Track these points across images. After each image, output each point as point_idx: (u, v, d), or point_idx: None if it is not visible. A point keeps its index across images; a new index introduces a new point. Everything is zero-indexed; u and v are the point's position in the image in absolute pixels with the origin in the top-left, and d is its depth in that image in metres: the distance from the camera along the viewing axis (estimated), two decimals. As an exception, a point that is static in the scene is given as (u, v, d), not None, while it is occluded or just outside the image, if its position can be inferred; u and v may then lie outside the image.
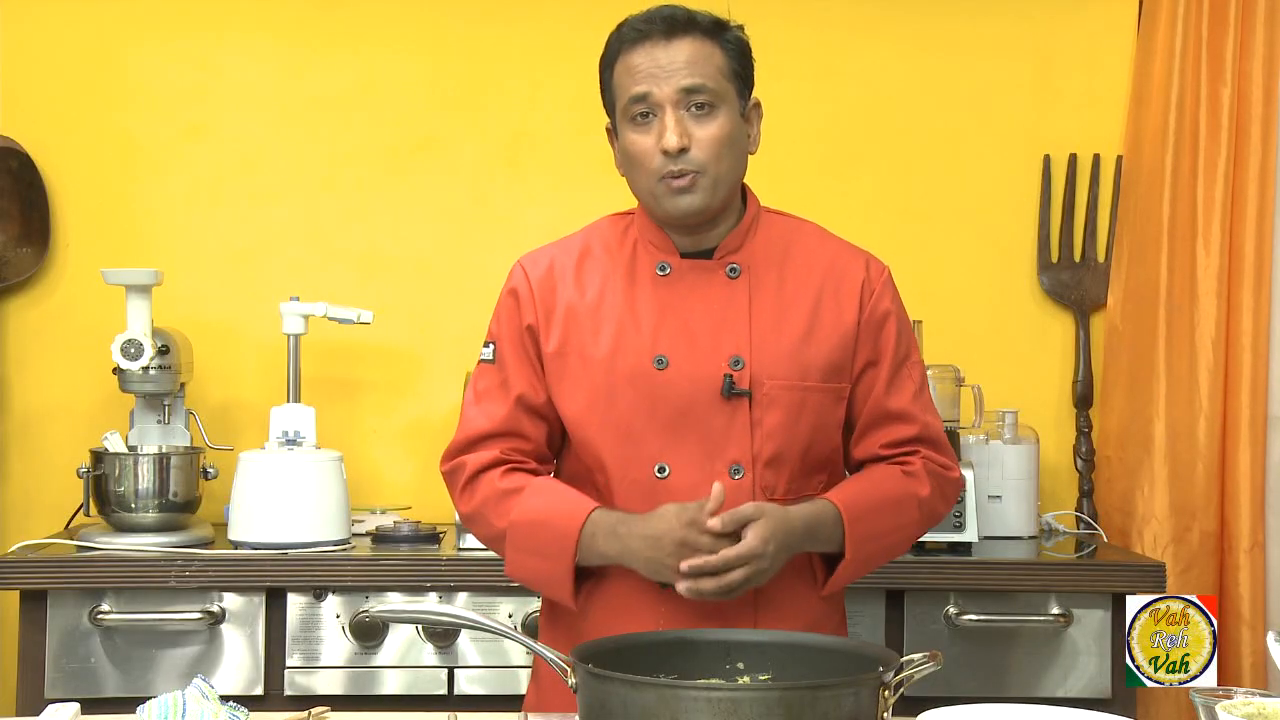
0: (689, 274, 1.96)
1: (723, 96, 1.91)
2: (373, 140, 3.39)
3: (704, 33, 1.92)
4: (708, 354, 1.92)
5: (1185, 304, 3.28)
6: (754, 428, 1.92)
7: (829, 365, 1.96)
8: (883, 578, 2.82)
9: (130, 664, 2.76)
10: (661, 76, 1.89)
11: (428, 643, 2.80)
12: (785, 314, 1.96)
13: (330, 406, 3.22)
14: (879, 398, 2.00)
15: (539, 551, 1.91)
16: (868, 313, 1.99)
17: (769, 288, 1.96)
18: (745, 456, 1.91)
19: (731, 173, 1.94)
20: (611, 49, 1.95)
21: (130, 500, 2.89)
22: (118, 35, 3.35)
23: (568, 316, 1.97)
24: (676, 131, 1.88)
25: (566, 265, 2.00)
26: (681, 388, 1.91)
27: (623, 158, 1.96)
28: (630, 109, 1.91)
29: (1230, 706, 1.55)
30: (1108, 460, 3.35)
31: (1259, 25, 3.28)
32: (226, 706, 1.72)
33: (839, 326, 1.97)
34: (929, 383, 3.08)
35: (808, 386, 1.94)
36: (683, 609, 1.90)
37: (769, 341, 1.94)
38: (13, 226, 3.27)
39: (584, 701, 1.54)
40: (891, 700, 1.51)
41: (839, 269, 2.00)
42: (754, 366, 1.92)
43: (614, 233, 2.03)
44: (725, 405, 1.91)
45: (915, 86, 3.44)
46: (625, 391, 1.92)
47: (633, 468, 1.92)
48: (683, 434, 1.91)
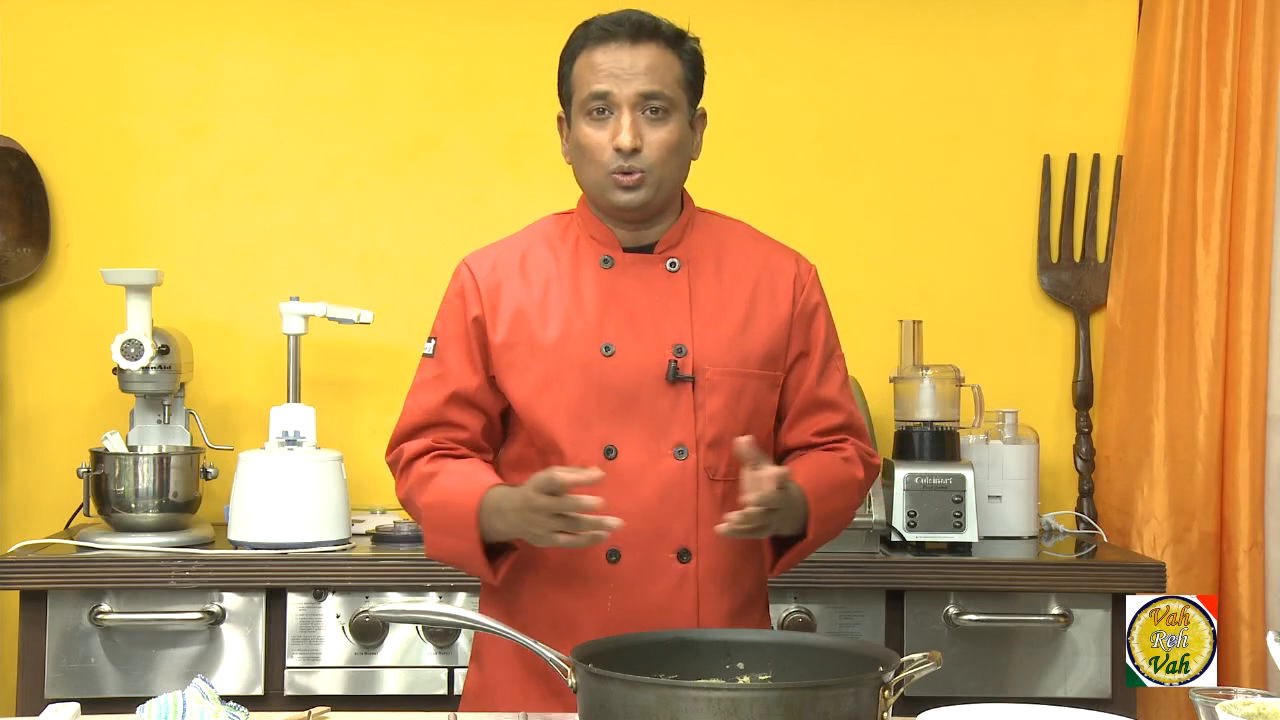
0: (631, 267, 2.06)
1: (676, 104, 2.01)
2: (372, 140, 3.39)
3: (666, 42, 2.02)
4: (652, 342, 2.01)
5: (1185, 304, 3.28)
6: (697, 411, 2.00)
7: (766, 354, 2.06)
8: (883, 578, 2.83)
9: (130, 664, 2.76)
10: (623, 78, 1.98)
11: (428, 643, 2.80)
12: (724, 305, 2.05)
13: (330, 406, 3.22)
14: (810, 386, 2.11)
15: (449, 530, 1.99)
16: (800, 306, 2.10)
17: (707, 280, 2.06)
18: (689, 439, 2.00)
19: (675, 174, 2.04)
20: (576, 43, 2.05)
21: (130, 500, 2.89)
22: (118, 35, 3.35)
23: (514, 310, 2.05)
24: (631, 132, 1.97)
25: (511, 262, 2.09)
26: (628, 374, 2.00)
27: (573, 149, 2.05)
28: (588, 104, 2.00)
29: (1230, 706, 1.56)
30: (1108, 460, 3.35)
31: (1259, 25, 3.28)
32: (226, 706, 1.72)
33: (774, 318, 2.07)
34: (931, 383, 3.11)
35: (747, 373, 2.04)
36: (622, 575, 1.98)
37: (709, 331, 2.03)
38: (13, 226, 3.27)
39: (584, 701, 1.54)
40: (891, 700, 1.52)
41: (773, 265, 2.11)
42: (696, 354, 2.01)
43: (556, 230, 2.12)
44: (670, 390, 2.00)
45: (915, 86, 3.45)
46: (574, 377, 2.00)
47: (583, 450, 1.99)
48: (630, 418, 1.99)
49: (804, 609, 2.83)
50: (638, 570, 1.98)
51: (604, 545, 1.96)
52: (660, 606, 1.98)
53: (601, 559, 1.98)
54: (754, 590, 2.10)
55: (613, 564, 1.99)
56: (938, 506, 2.92)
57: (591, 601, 1.99)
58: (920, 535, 2.92)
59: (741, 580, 2.06)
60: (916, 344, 3.20)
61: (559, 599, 2.01)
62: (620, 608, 1.97)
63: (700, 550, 2.00)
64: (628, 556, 1.98)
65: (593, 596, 1.99)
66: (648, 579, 1.99)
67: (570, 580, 2.00)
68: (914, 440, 3.07)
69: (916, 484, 2.94)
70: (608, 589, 1.99)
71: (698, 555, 2.00)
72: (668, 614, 1.97)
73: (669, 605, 1.98)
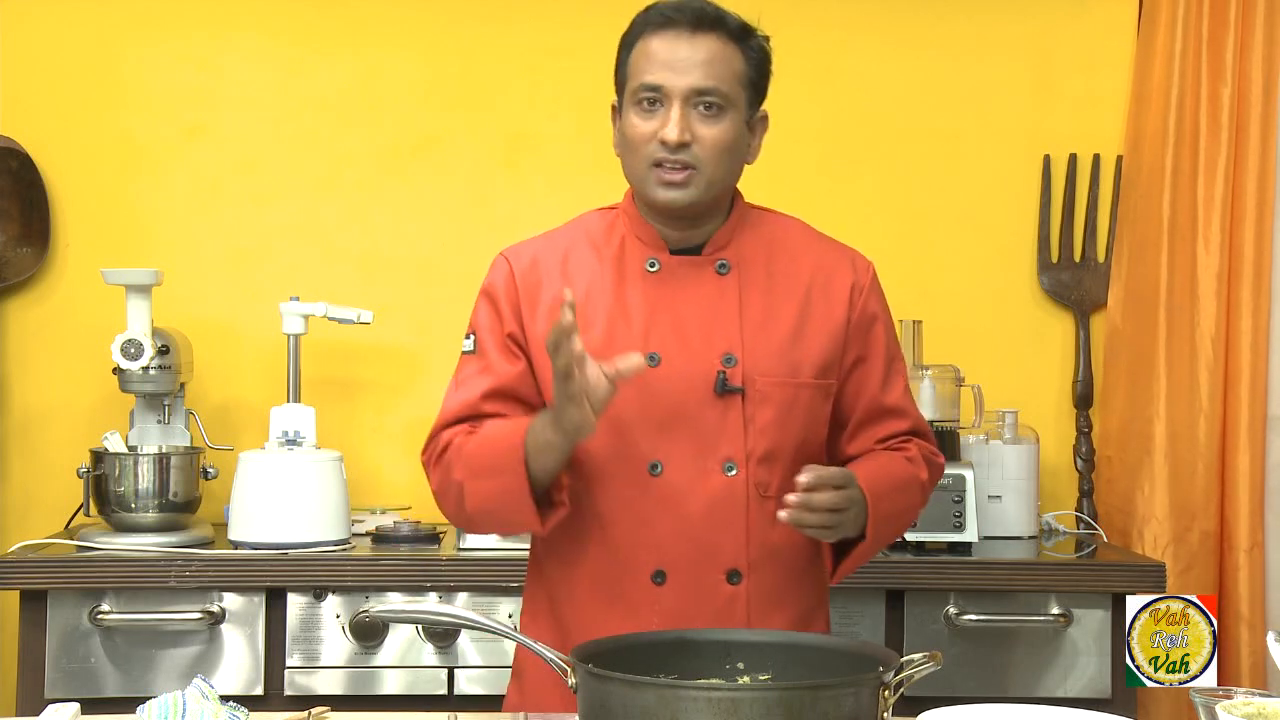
0: (678, 270, 1.96)
1: (733, 101, 1.91)
2: (373, 140, 3.39)
3: (729, 35, 1.91)
4: (700, 351, 1.92)
5: (1185, 304, 3.28)
6: (747, 424, 1.91)
7: (819, 362, 1.97)
8: (883, 578, 2.83)
9: (130, 664, 2.76)
10: (678, 70, 1.88)
11: (428, 643, 2.80)
12: (775, 311, 1.96)
13: (330, 406, 3.22)
14: (874, 394, 2.02)
15: (492, 471, 1.87)
16: (858, 313, 2.00)
17: (758, 284, 1.97)
18: (739, 453, 1.91)
19: (726, 177, 1.94)
20: (635, 30, 1.94)
21: (130, 500, 2.89)
22: (118, 35, 3.35)
23: (554, 310, 1.94)
24: (679, 126, 1.87)
25: (552, 260, 1.99)
26: (674, 385, 1.90)
27: (621, 139, 1.95)
28: (639, 94, 1.90)
29: (1230, 706, 1.55)
30: (1108, 460, 3.35)
31: (1259, 25, 3.28)
32: (226, 706, 1.71)
33: (828, 325, 1.98)
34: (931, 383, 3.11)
35: (800, 383, 1.95)
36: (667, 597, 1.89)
37: (760, 339, 1.94)
38: (13, 226, 3.27)
39: (584, 701, 1.53)
40: (891, 700, 1.51)
41: (827, 268, 2.01)
42: (746, 364, 1.92)
43: (600, 228, 2.02)
44: (718, 402, 1.91)
45: (915, 86, 3.44)
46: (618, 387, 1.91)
47: (625, 464, 1.90)
48: (675, 431, 1.90)
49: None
50: (684, 592, 1.90)
51: (649, 565, 1.89)
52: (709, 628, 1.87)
53: (646, 580, 1.90)
54: (811, 606, 2.01)
55: (658, 585, 1.90)
56: (938, 506, 2.92)
57: (636, 624, 1.87)
58: (920, 535, 2.92)
59: (795, 599, 1.97)
60: (916, 344, 3.20)
61: (602, 620, 1.88)
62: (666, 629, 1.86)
63: (751, 571, 1.91)
64: (674, 578, 1.90)
65: (638, 619, 1.88)
66: (695, 602, 1.89)
67: (614, 601, 1.91)
68: (914, 440, 3.07)
69: (916, 484, 2.94)
70: (653, 611, 1.89)
71: (748, 576, 1.91)
72: None
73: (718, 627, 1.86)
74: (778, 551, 1.94)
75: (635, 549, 1.91)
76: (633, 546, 1.91)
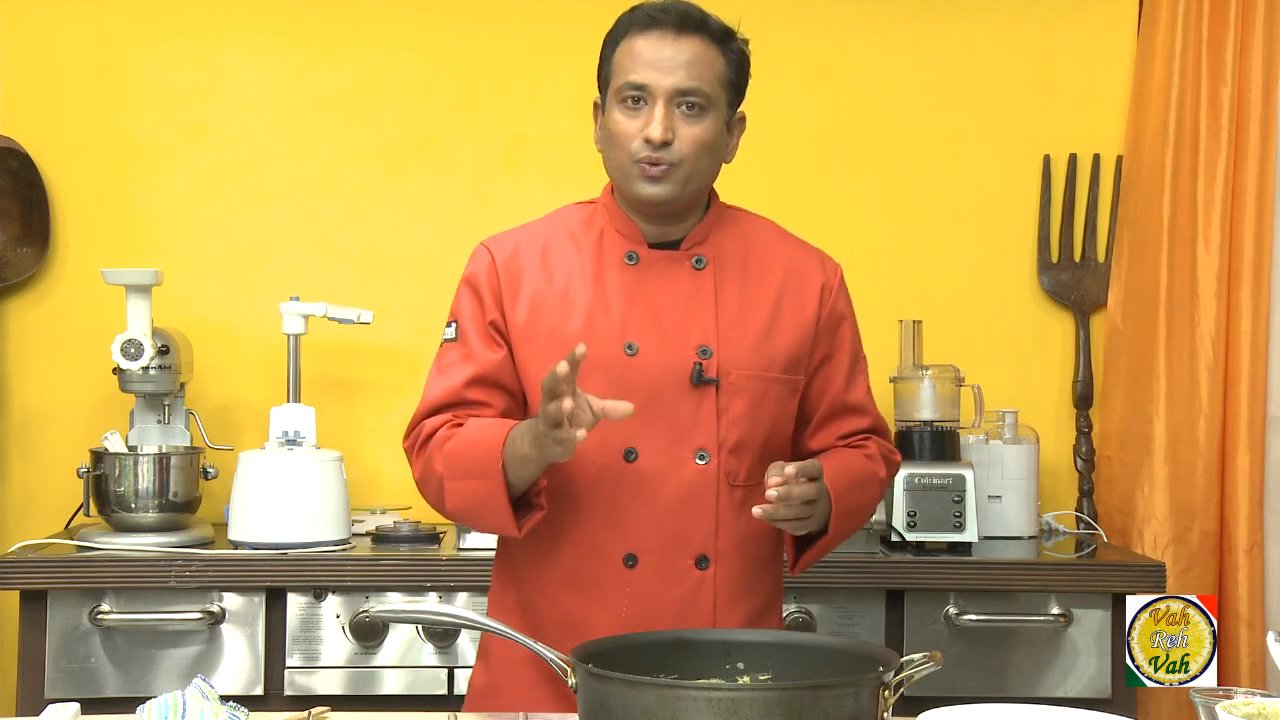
0: (656, 263, 2.01)
1: (714, 102, 1.96)
2: (373, 140, 3.39)
3: (712, 37, 1.97)
4: (676, 342, 1.97)
5: (1185, 304, 3.28)
6: (720, 415, 1.97)
7: (789, 358, 2.03)
8: (883, 578, 2.83)
9: (130, 664, 2.76)
10: (663, 70, 1.93)
11: (428, 643, 2.80)
12: (749, 306, 2.02)
13: (330, 406, 3.22)
14: (839, 392, 2.09)
15: (471, 473, 1.91)
16: (827, 312, 2.07)
17: (733, 280, 2.02)
18: (711, 443, 1.96)
19: (704, 174, 1.99)
20: (620, 29, 2.00)
21: (130, 500, 2.89)
22: (118, 35, 3.35)
23: (534, 300, 2.00)
24: (663, 125, 1.92)
25: (532, 250, 2.04)
26: (651, 374, 1.96)
27: (604, 135, 2.01)
28: (624, 92, 1.96)
29: (1230, 706, 1.55)
30: (1108, 460, 3.35)
31: (1259, 25, 3.28)
32: (226, 706, 1.71)
33: (799, 322, 2.04)
34: (931, 383, 3.11)
35: (770, 377, 2.01)
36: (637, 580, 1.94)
37: (734, 332, 1.99)
38: (13, 226, 3.27)
39: (584, 701, 1.54)
40: (891, 700, 1.51)
41: (799, 267, 2.07)
42: (721, 356, 1.98)
43: (579, 220, 2.07)
44: (693, 392, 1.96)
45: (914, 86, 3.44)
46: (596, 376, 1.93)
47: (600, 451, 1.94)
48: (651, 419, 1.94)
49: (804, 609, 2.83)
50: (654, 576, 1.95)
51: (621, 549, 1.94)
52: (676, 613, 1.94)
53: (618, 562, 1.95)
54: (770, 597, 2.07)
55: (629, 568, 1.95)
56: (938, 506, 2.93)
57: (605, 606, 1.94)
58: (920, 535, 2.92)
59: (758, 588, 2.03)
60: (916, 344, 3.20)
61: (572, 602, 1.96)
62: (635, 613, 1.93)
63: (719, 557, 1.97)
64: (645, 561, 1.95)
65: (607, 601, 1.95)
66: (664, 585, 1.95)
67: (585, 584, 1.96)
68: (914, 440, 3.07)
69: (916, 484, 2.94)
70: (623, 594, 1.95)
71: (716, 562, 1.97)
72: (684, 621, 1.93)
73: (685, 612, 1.94)
74: (744, 540, 2.00)
75: (608, 533, 1.96)
76: (606, 530, 1.95)
